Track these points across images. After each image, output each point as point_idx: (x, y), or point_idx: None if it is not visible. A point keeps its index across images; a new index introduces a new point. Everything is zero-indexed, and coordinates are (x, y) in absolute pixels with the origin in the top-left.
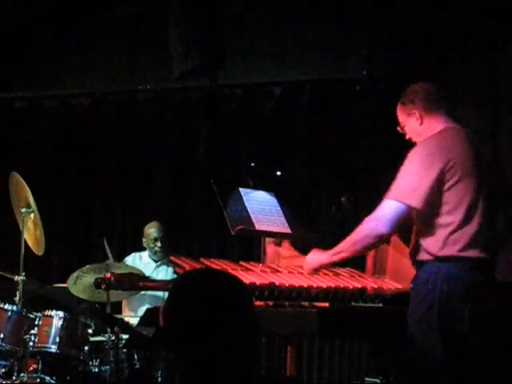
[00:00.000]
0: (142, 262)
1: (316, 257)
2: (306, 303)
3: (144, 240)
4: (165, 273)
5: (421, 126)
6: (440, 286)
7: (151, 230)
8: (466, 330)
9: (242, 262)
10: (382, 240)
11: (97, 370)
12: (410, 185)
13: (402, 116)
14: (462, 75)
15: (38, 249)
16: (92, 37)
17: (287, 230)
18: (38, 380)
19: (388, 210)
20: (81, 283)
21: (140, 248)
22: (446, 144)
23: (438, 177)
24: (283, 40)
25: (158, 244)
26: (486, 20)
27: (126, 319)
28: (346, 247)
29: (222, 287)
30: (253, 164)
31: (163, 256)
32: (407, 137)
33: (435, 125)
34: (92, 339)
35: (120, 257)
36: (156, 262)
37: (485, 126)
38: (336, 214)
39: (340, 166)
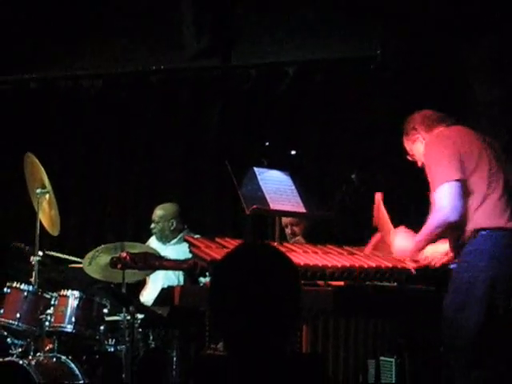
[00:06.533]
0: (155, 243)
1: (403, 247)
2: (321, 282)
3: None
4: (175, 253)
5: None
6: (475, 263)
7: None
8: (505, 306)
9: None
10: (453, 226)
11: (112, 349)
12: (443, 166)
13: (408, 145)
14: (474, 56)
15: (53, 229)
16: (105, 18)
17: (302, 209)
18: (54, 359)
19: (443, 195)
20: (96, 263)
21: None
22: (451, 134)
23: (456, 154)
24: (297, 19)
25: (152, 226)
26: (499, 8)
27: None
28: (422, 238)
29: (273, 263)
30: (267, 143)
31: (160, 237)
32: (419, 164)
33: None
34: (107, 319)
35: (135, 237)
36: (163, 243)
37: (495, 107)
38: (347, 192)
39: (353, 145)
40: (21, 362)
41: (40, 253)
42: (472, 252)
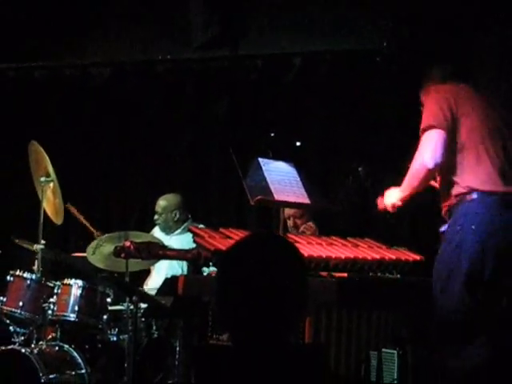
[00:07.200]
0: (158, 233)
1: (392, 194)
2: (324, 273)
3: None
4: (179, 243)
5: None
6: (467, 226)
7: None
8: (492, 272)
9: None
10: (431, 171)
11: (115, 338)
12: (431, 113)
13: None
14: (480, 48)
15: (56, 218)
16: (112, 6)
17: (306, 201)
18: (57, 348)
19: (423, 142)
20: (99, 252)
21: None
22: (452, 89)
23: (449, 106)
24: (304, 11)
25: (155, 217)
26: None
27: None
28: (406, 185)
29: (280, 254)
30: (272, 134)
31: (164, 228)
32: None
33: None
34: (111, 308)
35: (140, 226)
36: (167, 233)
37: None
38: (353, 185)
39: (358, 137)
40: (23, 350)
41: (43, 241)
42: (464, 215)
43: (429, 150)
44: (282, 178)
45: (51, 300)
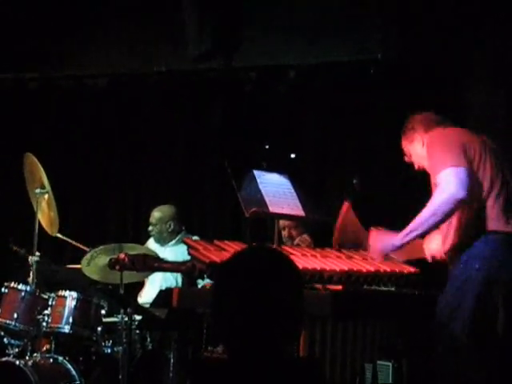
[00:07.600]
0: (153, 244)
1: (388, 242)
2: (319, 286)
3: None
4: (173, 254)
5: (424, 148)
6: (471, 264)
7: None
8: (498, 310)
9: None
10: (462, 201)
11: (109, 350)
12: (450, 152)
13: (406, 146)
14: (475, 61)
15: (51, 229)
16: (107, 17)
17: (301, 213)
18: (51, 360)
19: (445, 179)
20: (94, 264)
21: None
22: (453, 132)
23: (463, 147)
24: (298, 23)
25: (149, 228)
26: (501, 6)
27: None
28: (416, 226)
29: (277, 267)
30: (267, 146)
31: (158, 239)
32: (416, 167)
33: None
34: (105, 320)
35: (134, 238)
36: (161, 245)
37: (498, 112)
38: (348, 196)
39: (353, 149)
40: (17, 362)
41: (38, 253)
42: (467, 254)
43: (455, 182)
44: (276, 190)
45: (46, 312)
